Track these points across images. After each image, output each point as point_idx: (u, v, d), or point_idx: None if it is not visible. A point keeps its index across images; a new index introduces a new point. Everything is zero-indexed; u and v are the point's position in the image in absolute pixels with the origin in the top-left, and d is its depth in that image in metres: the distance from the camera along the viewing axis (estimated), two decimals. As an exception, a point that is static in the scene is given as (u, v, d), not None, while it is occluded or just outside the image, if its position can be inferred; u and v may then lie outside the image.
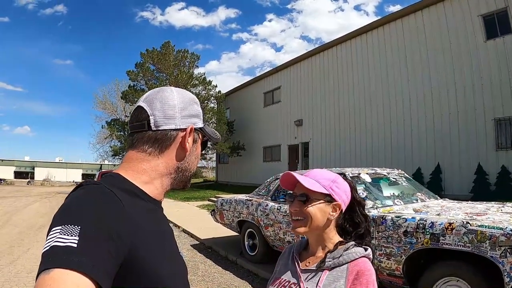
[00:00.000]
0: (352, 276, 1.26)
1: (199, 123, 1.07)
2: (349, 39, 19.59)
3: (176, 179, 1.04)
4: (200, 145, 1.10)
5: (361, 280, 1.24)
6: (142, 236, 0.83)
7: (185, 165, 1.04)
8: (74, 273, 0.65)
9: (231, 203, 7.43)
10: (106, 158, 40.01)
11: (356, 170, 5.40)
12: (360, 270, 1.27)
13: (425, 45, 15.40)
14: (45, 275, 0.65)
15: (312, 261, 1.39)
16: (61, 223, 0.74)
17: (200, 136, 1.09)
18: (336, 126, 20.18)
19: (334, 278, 1.28)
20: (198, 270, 6.54)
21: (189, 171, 1.06)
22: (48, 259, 0.67)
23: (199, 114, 1.09)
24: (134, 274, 0.79)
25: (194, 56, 29.16)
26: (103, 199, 0.83)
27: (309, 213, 1.34)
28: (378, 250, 4.10)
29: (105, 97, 39.63)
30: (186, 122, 1.02)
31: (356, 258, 1.30)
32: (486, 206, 4.44)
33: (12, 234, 9.93)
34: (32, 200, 23.35)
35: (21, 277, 5.99)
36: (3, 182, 63.70)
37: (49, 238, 0.72)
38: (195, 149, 1.07)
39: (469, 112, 13.73)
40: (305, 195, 1.36)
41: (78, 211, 0.78)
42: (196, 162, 1.09)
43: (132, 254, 0.78)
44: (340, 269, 1.30)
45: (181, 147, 1.02)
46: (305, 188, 1.34)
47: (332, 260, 1.32)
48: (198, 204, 17.17)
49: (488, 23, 13.37)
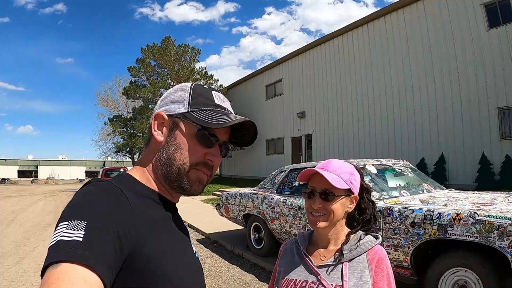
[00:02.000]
0: (374, 264, 1.30)
1: (179, 109, 0.96)
2: (351, 30, 19.46)
3: (166, 177, 0.95)
4: (192, 135, 0.95)
5: (382, 267, 1.30)
6: (148, 234, 0.83)
7: (164, 158, 0.95)
8: (80, 267, 0.65)
9: (236, 196, 7.44)
10: (109, 155, 40.07)
11: (362, 162, 5.38)
12: (379, 257, 1.32)
13: (427, 35, 15.29)
14: (52, 269, 0.65)
15: (326, 255, 1.38)
16: (68, 218, 0.75)
17: (182, 124, 0.95)
18: (339, 118, 20.11)
19: (357, 268, 1.30)
20: (204, 264, 6.55)
21: (170, 165, 0.94)
22: (54, 253, 0.68)
23: (181, 99, 0.97)
24: (137, 271, 0.78)
25: (195, 50, 29.18)
26: (110, 196, 0.83)
27: (332, 209, 1.34)
28: (385, 242, 4.09)
29: (107, 94, 39.66)
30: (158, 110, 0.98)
31: (372, 247, 1.35)
32: (493, 196, 4.43)
33: (18, 233, 9.98)
34: (37, 198, 23.45)
35: (28, 276, 6.01)
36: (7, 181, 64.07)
37: (56, 233, 0.72)
38: (175, 138, 0.95)
39: (472, 101, 13.64)
40: (330, 191, 1.34)
41: (85, 207, 0.79)
42: (180, 155, 0.94)
43: (136, 251, 0.78)
44: (360, 259, 1.32)
45: (154, 137, 0.96)
46: (329, 184, 1.32)
47: (349, 252, 1.33)
48: (203, 198, 17.23)
49: (490, 12, 13.24)
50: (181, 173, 0.94)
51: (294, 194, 6.02)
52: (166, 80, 28.04)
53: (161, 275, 0.82)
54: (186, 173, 0.95)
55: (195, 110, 0.96)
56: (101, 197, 0.82)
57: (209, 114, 0.95)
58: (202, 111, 0.96)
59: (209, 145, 0.96)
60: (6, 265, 6.71)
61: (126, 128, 33.08)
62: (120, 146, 33.32)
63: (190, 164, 0.95)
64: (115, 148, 34.65)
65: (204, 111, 0.96)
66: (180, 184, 0.95)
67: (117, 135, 33.76)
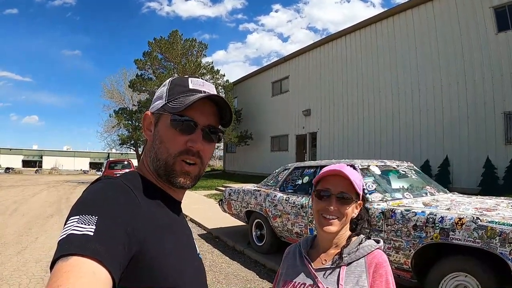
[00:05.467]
0: (372, 268, 1.28)
1: (160, 104, 0.98)
2: (358, 29, 19.38)
3: (157, 172, 0.97)
4: (169, 125, 0.95)
5: (381, 272, 1.26)
6: (154, 233, 0.83)
7: (153, 154, 0.97)
8: (90, 261, 0.66)
9: (239, 193, 7.45)
10: (113, 147, 40.18)
11: (366, 162, 5.38)
12: (378, 262, 1.29)
13: (435, 36, 15.20)
14: (62, 262, 0.65)
15: (326, 258, 1.38)
16: (79, 213, 0.75)
17: (163, 116, 0.97)
18: (344, 117, 20.06)
19: (354, 273, 1.29)
20: (205, 260, 6.57)
21: (158, 160, 0.95)
22: (65, 246, 0.68)
23: (161, 94, 1.01)
24: (142, 270, 0.79)
25: (202, 45, 29.12)
26: (120, 193, 0.84)
27: (347, 213, 1.35)
28: (387, 243, 4.10)
29: (113, 86, 39.76)
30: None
31: (372, 251, 1.32)
32: (496, 202, 4.41)
33: (20, 224, 10.03)
34: (40, 189, 23.55)
35: (30, 266, 6.03)
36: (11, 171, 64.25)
37: (66, 227, 0.73)
38: (158, 132, 0.97)
39: (478, 104, 13.56)
40: (348, 195, 1.34)
41: (95, 202, 0.80)
42: (164, 147, 0.95)
43: (143, 250, 0.79)
44: (358, 263, 1.30)
45: (146, 136, 1.02)
46: (349, 187, 1.34)
47: (348, 255, 1.32)
48: (206, 193, 17.25)
49: (499, 15, 13.14)
50: (167, 165, 0.94)
51: (297, 193, 6.02)
52: (172, 74, 28.00)
53: (164, 275, 0.82)
54: (172, 165, 0.94)
55: (170, 100, 0.97)
56: (111, 194, 0.83)
57: (180, 100, 0.96)
58: (176, 100, 0.96)
59: (190, 132, 0.95)
60: (8, 254, 6.74)
61: (131, 121, 33.11)
62: (124, 138, 33.35)
63: (174, 155, 0.94)
64: (119, 140, 34.67)
65: (177, 99, 0.96)
66: (168, 178, 0.95)
67: (122, 128, 33.80)
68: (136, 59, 27.88)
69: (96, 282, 0.65)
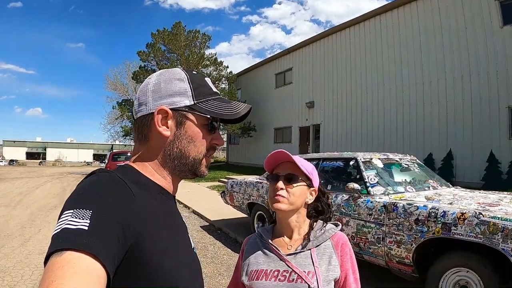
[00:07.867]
0: (339, 249, 1.43)
1: (184, 101, 0.96)
2: (362, 21, 19.25)
3: (176, 169, 0.98)
4: (202, 126, 0.97)
5: (346, 251, 1.44)
6: (149, 227, 0.83)
7: (175, 152, 0.96)
8: (85, 256, 0.65)
9: (241, 185, 7.45)
10: (117, 139, 40.18)
11: (368, 155, 5.36)
12: (343, 242, 1.45)
13: (440, 29, 15.08)
14: (56, 257, 0.65)
15: (292, 244, 1.47)
16: (73, 207, 0.75)
17: (191, 116, 0.96)
18: (347, 109, 20.00)
19: (325, 254, 1.42)
20: (207, 251, 6.59)
21: (185, 158, 0.97)
22: (59, 241, 0.67)
23: (183, 91, 0.97)
24: (137, 265, 0.78)
25: (205, 36, 29.01)
26: (115, 187, 0.83)
27: (294, 192, 1.44)
28: (388, 237, 4.09)
29: (116, 78, 39.61)
30: (158, 104, 0.95)
31: (335, 233, 1.47)
32: (499, 197, 4.39)
33: (24, 215, 10.09)
34: (44, 180, 23.68)
35: (33, 258, 6.08)
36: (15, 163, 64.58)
37: (60, 221, 0.72)
38: (185, 132, 0.96)
39: (482, 98, 13.47)
40: (293, 174, 1.45)
41: (90, 196, 0.79)
42: (194, 147, 0.97)
43: (137, 244, 0.78)
44: (325, 245, 1.44)
45: (158, 133, 0.95)
46: (293, 168, 1.45)
47: (315, 239, 1.45)
48: (209, 185, 17.27)
49: (505, 8, 12.97)
50: (196, 162, 0.99)
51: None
52: (175, 66, 27.93)
53: (159, 270, 0.82)
54: (200, 161, 1.00)
55: (200, 101, 0.98)
56: (105, 187, 0.82)
57: (215, 104, 1.00)
58: (208, 102, 0.99)
59: (214, 131, 1.02)
60: (11, 246, 6.79)
61: (134, 113, 33.11)
62: (128, 130, 33.33)
63: (204, 153, 1.00)
64: (123, 132, 34.67)
65: (209, 102, 0.99)
66: (194, 172, 1.00)
67: (125, 119, 33.80)
68: (139, 51, 27.82)
69: (90, 277, 0.64)
